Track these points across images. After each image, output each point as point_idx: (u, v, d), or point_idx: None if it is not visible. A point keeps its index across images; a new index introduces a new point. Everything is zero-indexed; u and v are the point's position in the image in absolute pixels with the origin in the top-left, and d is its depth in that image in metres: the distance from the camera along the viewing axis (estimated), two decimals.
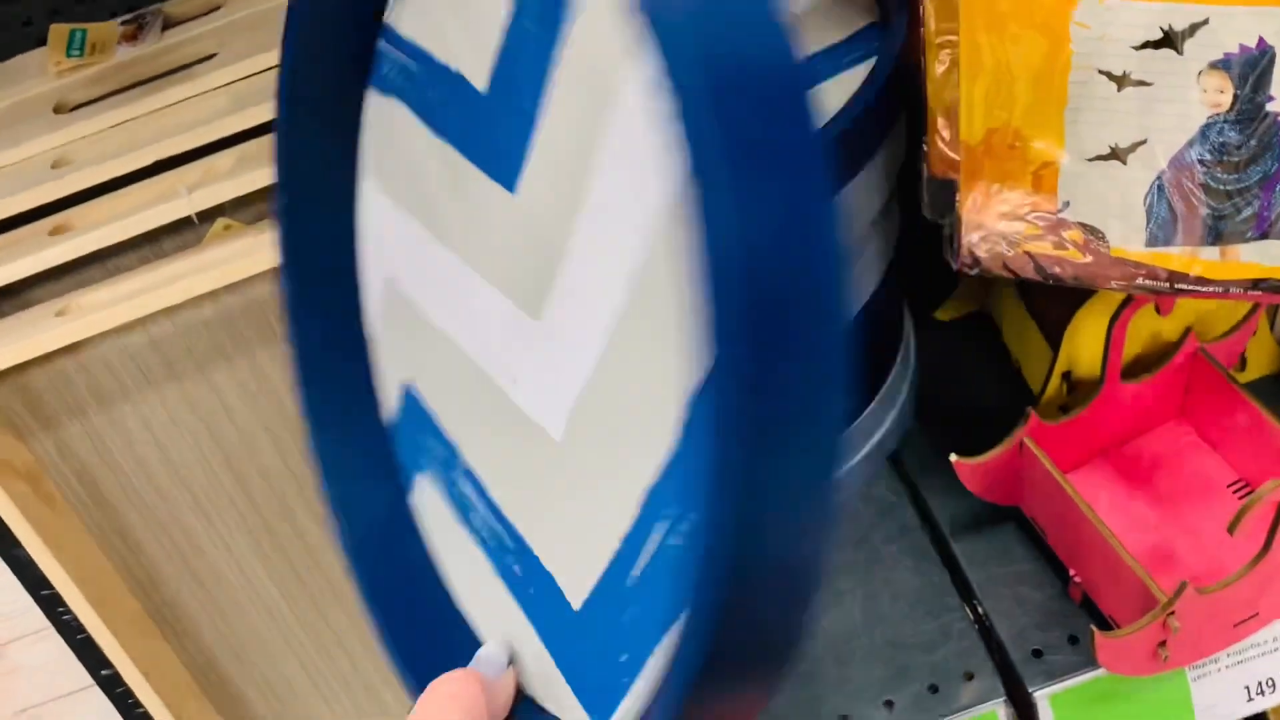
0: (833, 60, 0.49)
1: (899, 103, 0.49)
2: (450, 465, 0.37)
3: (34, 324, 0.47)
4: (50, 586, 0.52)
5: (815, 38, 0.50)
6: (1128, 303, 0.53)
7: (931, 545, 0.60)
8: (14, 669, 0.56)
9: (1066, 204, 0.42)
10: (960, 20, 0.39)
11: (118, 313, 0.46)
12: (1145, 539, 0.55)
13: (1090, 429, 0.56)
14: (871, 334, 0.56)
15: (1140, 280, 0.43)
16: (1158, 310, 0.54)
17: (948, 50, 0.41)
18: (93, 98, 0.55)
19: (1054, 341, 0.58)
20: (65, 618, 0.54)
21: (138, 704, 0.54)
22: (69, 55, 0.56)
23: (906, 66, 0.48)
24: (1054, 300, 0.58)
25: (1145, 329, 0.55)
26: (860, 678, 0.55)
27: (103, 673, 0.56)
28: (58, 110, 0.54)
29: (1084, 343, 0.56)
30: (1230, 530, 0.46)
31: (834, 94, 0.47)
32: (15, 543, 0.50)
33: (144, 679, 0.53)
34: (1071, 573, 0.54)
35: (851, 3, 0.52)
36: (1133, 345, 0.56)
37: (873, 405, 0.60)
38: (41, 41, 0.58)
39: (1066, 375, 0.58)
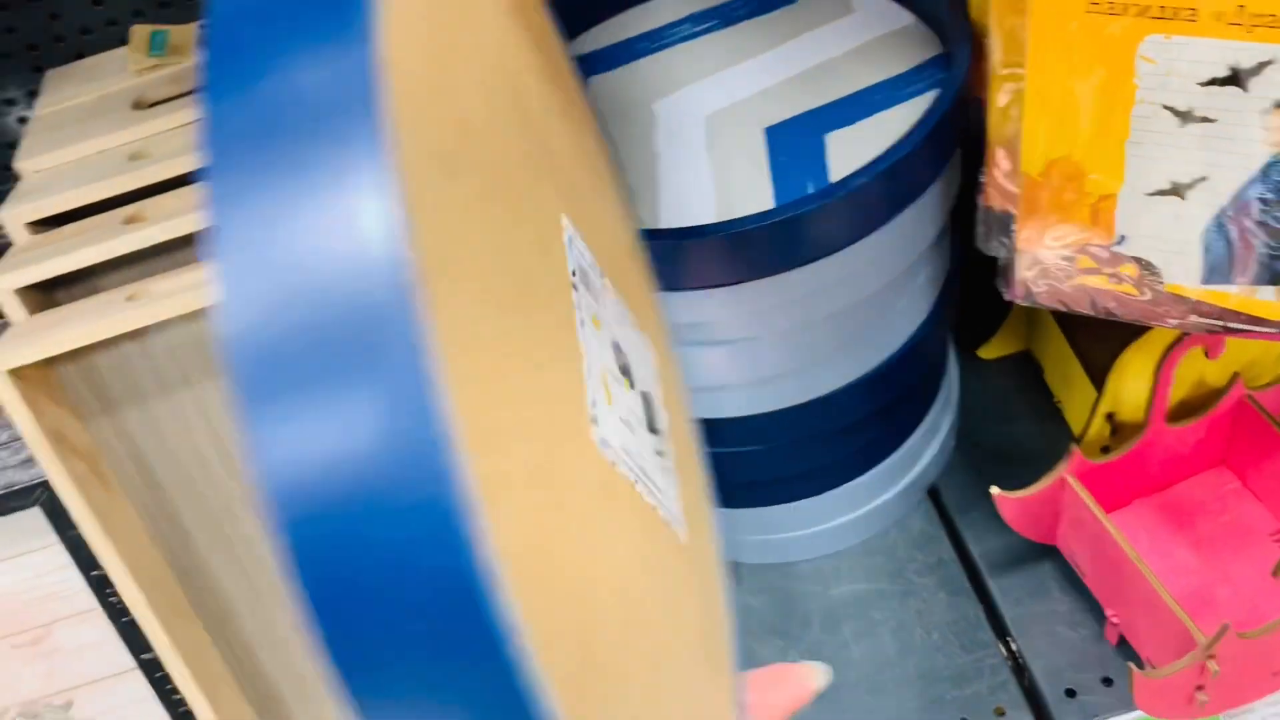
0: (893, 91, 0.50)
1: (956, 135, 0.49)
2: None
3: (104, 307, 0.48)
4: (99, 567, 0.53)
5: (877, 68, 0.51)
6: (1176, 344, 0.53)
7: (967, 580, 0.60)
8: (58, 649, 0.57)
9: (1123, 238, 0.42)
10: (1028, 52, 0.40)
11: (187, 299, 0.47)
12: (1184, 583, 0.55)
13: (1133, 470, 0.56)
14: (915, 367, 0.57)
15: (1194, 318, 0.43)
16: (1206, 353, 0.54)
17: (1011, 83, 0.42)
18: (171, 95, 0.57)
19: (1098, 381, 0.58)
20: (112, 599, 0.55)
21: (175, 690, 0.55)
22: (150, 55, 0.58)
23: (965, 99, 0.49)
24: (1099, 340, 0.58)
25: (1192, 372, 0.55)
26: (892, 709, 0.55)
27: (143, 656, 0.56)
28: (137, 106, 0.56)
29: (1129, 383, 0.56)
30: (1276, 573, 0.46)
31: (893, 124, 0.48)
32: (70, 524, 0.51)
33: (183, 665, 0.53)
34: (1109, 613, 0.54)
35: (914, 35, 0.53)
36: (1179, 388, 0.56)
37: (913, 438, 0.61)
38: (124, 41, 0.60)
39: (1110, 416, 0.58)
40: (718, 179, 0.48)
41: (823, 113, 0.50)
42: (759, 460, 0.57)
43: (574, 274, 0.27)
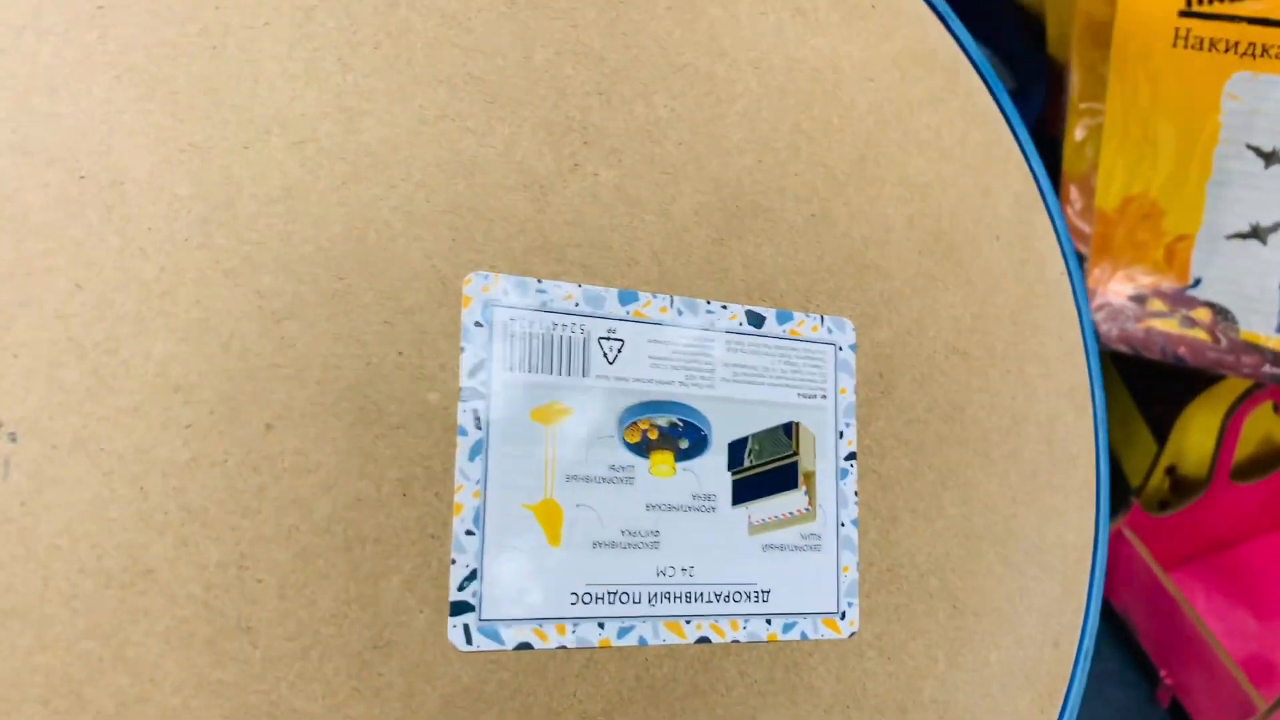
0: None
1: None
2: None
3: None
4: None
5: None
6: (1246, 397, 0.51)
7: None
8: None
9: (1198, 281, 0.41)
10: (1109, 85, 0.39)
11: None
12: (1244, 647, 0.52)
13: (1193, 527, 0.54)
14: None
15: (1268, 369, 0.42)
16: (1276, 408, 0.52)
17: (1090, 118, 0.41)
18: None
19: (1159, 434, 0.56)
20: None
21: None
22: None
23: (1038, 136, 0.48)
24: (1162, 391, 0.57)
25: (1260, 429, 0.54)
26: None
27: None
28: None
29: (1193, 436, 0.54)
30: None
31: None
32: None
33: None
34: (1162, 674, 0.51)
35: None
36: (1245, 445, 0.54)
37: None
38: None
39: (1170, 470, 0.56)
40: None
41: None
42: None
43: None
